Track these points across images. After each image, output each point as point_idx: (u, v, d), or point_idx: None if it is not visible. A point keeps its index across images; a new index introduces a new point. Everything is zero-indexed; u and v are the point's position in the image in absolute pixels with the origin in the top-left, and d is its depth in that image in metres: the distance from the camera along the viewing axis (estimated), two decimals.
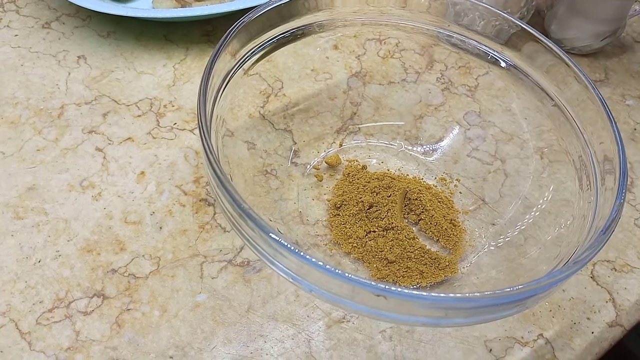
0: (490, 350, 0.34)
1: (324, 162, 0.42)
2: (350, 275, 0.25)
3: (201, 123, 0.30)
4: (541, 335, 0.35)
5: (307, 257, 0.26)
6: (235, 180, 0.36)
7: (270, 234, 0.27)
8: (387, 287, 0.25)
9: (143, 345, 0.33)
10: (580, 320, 0.36)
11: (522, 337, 0.35)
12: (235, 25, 0.36)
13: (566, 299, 0.37)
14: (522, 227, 0.38)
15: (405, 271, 0.36)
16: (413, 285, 0.35)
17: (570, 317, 0.36)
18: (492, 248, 0.38)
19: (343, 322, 0.35)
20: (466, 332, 0.35)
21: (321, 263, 0.25)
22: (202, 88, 0.32)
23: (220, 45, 0.34)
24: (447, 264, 0.36)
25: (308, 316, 0.35)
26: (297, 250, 0.26)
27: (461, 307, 0.27)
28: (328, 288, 0.27)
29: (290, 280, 0.28)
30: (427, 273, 0.36)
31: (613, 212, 0.30)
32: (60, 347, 0.33)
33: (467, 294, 0.26)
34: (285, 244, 0.26)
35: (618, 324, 0.36)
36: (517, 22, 0.39)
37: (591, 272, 0.39)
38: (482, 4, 0.40)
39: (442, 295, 0.26)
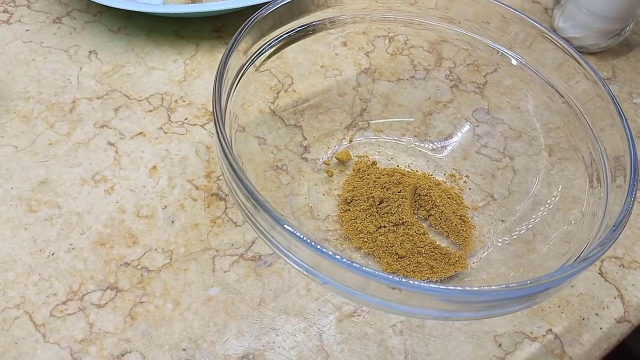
0: (500, 345, 0.35)
1: (334, 158, 0.42)
2: (365, 268, 0.25)
3: (217, 118, 0.31)
4: (550, 330, 0.35)
5: (322, 249, 0.26)
6: (247, 175, 0.36)
7: (285, 226, 0.27)
8: (402, 279, 0.25)
9: (156, 338, 0.33)
10: (588, 316, 0.36)
11: (532, 332, 0.35)
12: (248, 22, 0.36)
13: (575, 295, 0.37)
14: (531, 224, 0.38)
15: (416, 266, 0.36)
16: (423, 280, 0.36)
17: (579, 312, 0.36)
18: (501, 244, 0.38)
19: (354, 316, 0.35)
20: (476, 326, 0.35)
21: (336, 255, 0.26)
22: (216, 83, 0.32)
23: (234, 41, 0.35)
24: (457, 259, 0.36)
25: (319, 310, 0.35)
26: (311, 242, 0.26)
27: (473, 301, 0.27)
28: (342, 280, 0.27)
29: (304, 272, 0.28)
30: (437, 268, 0.36)
31: (624, 208, 0.30)
32: (74, 339, 0.33)
33: (480, 288, 0.26)
34: (300, 235, 0.27)
35: (626, 320, 0.37)
36: (526, 18, 0.40)
37: (599, 268, 0.39)
38: (494, 0, 0.40)
39: (455, 288, 0.26)
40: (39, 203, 0.38)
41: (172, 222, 0.38)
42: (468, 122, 0.44)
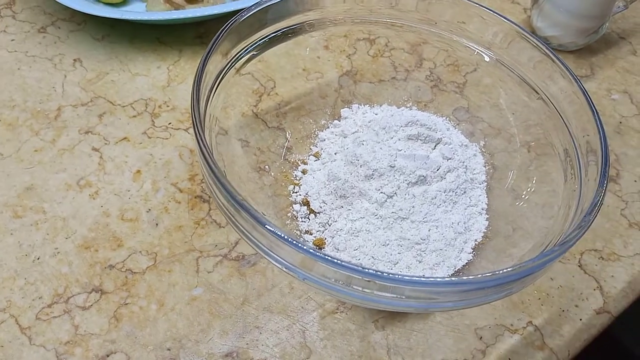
0: (481, 337, 0.35)
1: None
2: (341, 262, 0.26)
3: (195, 121, 0.31)
4: (530, 322, 0.36)
5: (301, 245, 0.27)
6: (229, 178, 0.37)
7: (266, 225, 0.27)
8: (377, 272, 0.26)
9: (141, 338, 0.34)
10: (568, 307, 0.37)
11: (512, 325, 0.36)
12: (226, 26, 0.36)
13: (554, 287, 0.38)
14: (511, 219, 0.39)
15: None
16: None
17: (558, 304, 0.37)
18: (482, 239, 0.39)
19: (337, 312, 0.35)
20: (457, 320, 0.36)
21: (311, 249, 0.26)
22: (194, 87, 0.33)
23: (212, 46, 0.35)
24: None
25: (302, 307, 0.35)
26: (289, 238, 0.27)
27: (451, 291, 0.28)
28: (321, 275, 0.28)
29: (285, 270, 0.29)
30: None
31: (595, 197, 0.31)
32: (59, 341, 0.33)
33: (456, 278, 0.27)
34: (281, 234, 0.27)
35: (605, 311, 0.37)
36: (504, 19, 0.40)
37: (579, 261, 0.39)
38: (472, 2, 0.41)
39: (431, 278, 0.27)
40: (24, 209, 0.39)
41: (156, 224, 0.39)
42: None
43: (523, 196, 0.40)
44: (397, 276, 0.26)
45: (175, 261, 0.37)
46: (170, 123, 0.45)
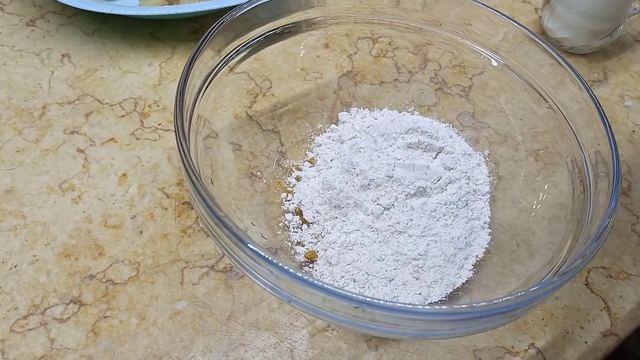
0: None
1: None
2: (327, 287, 0.24)
3: (177, 124, 0.29)
4: (532, 345, 0.34)
5: (285, 267, 0.25)
6: (218, 184, 0.35)
7: (248, 245, 0.25)
8: (365, 298, 0.24)
9: (119, 355, 0.32)
10: (573, 329, 0.35)
11: (513, 347, 0.34)
12: (219, 22, 0.35)
13: (559, 307, 0.36)
14: (515, 233, 0.37)
15: None
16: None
17: (563, 326, 0.35)
18: (485, 254, 0.37)
19: (327, 330, 0.34)
20: (455, 341, 0.34)
21: (298, 274, 0.24)
22: (180, 87, 0.31)
23: (203, 42, 0.33)
24: None
25: (291, 324, 0.34)
26: (274, 261, 0.25)
27: (446, 320, 0.26)
28: (306, 299, 0.26)
29: (269, 290, 0.27)
30: None
31: (605, 219, 0.29)
32: (34, 355, 0.32)
33: (453, 307, 0.25)
34: (263, 254, 0.25)
35: (612, 334, 0.35)
36: (511, 22, 0.38)
37: (585, 279, 0.37)
38: (480, 3, 0.39)
39: (427, 308, 0.25)
40: (3, 213, 0.37)
41: (141, 232, 0.37)
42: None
43: (529, 209, 0.37)
44: (388, 304, 0.24)
45: (159, 272, 0.35)
46: (159, 124, 0.43)
